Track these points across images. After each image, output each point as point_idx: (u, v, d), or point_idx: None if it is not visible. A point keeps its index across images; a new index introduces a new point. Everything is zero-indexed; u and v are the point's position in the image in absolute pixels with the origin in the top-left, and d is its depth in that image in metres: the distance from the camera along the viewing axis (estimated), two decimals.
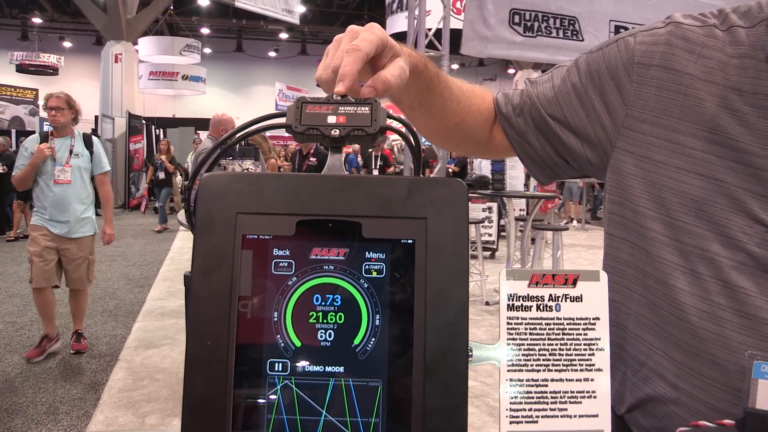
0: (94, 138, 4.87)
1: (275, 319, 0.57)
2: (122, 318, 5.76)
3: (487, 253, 8.72)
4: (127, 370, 4.43)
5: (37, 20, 23.84)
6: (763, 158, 0.78)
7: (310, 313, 0.57)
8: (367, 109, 0.64)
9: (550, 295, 0.63)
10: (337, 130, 0.63)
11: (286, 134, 0.83)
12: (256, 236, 0.58)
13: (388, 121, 0.66)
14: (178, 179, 12.91)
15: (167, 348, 4.90)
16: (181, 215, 5.32)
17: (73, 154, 4.62)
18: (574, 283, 0.63)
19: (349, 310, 0.57)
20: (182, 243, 9.97)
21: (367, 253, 0.58)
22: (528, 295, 0.63)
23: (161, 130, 18.62)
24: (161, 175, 12.05)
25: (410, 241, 0.58)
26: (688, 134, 0.82)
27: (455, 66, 24.45)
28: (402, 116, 0.75)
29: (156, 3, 17.48)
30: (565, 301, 0.63)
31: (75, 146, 4.66)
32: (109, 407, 3.80)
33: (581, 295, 0.63)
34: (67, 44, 25.44)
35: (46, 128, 4.81)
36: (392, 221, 0.58)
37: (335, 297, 0.58)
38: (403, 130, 0.74)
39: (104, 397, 3.96)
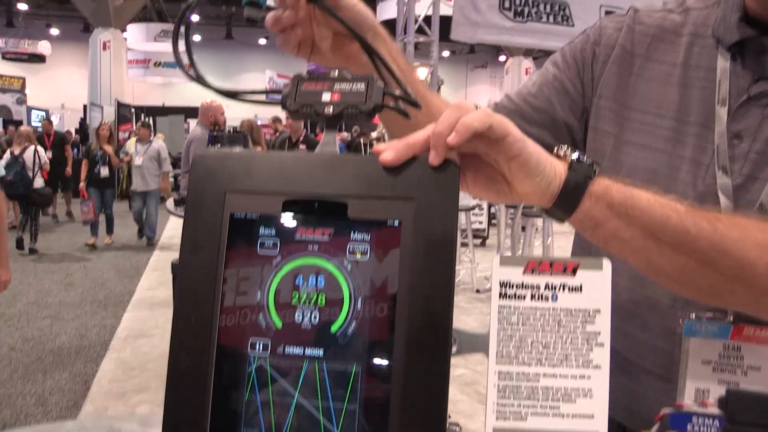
0: None
1: (258, 298, 0.56)
2: (112, 308, 5.73)
3: (478, 241, 8.71)
4: (117, 361, 4.41)
5: (22, 6, 23.51)
6: (692, 125, 0.84)
7: (293, 294, 0.56)
8: (363, 85, 0.61)
9: (547, 283, 0.58)
10: (331, 108, 0.61)
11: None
12: (243, 215, 0.58)
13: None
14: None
15: (157, 338, 4.87)
16: (170, 203, 5.26)
17: None
18: (574, 272, 0.58)
19: (332, 292, 0.56)
20: (173, 233, 9.92)
21: (352, 233, 0.57)
22: (522, 282, 0.58)
23: (151, 118, 18.49)
24: (103, 172, 8.50)
25: (396, 223, 0.56)
26: (636, 110, 0.90)
27: (446, 53, 24.37)
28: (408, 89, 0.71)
29: None
30: (563, 290, 0.58)
31: None
32: (99, 398, 3.79)
33: (581, 285, 0.58)
34: (54, 31, 25.11)
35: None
36: (379, 202, 0.56)
37: (318, 278, 0.56)
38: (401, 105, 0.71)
39: (94, 387, 3.94)
